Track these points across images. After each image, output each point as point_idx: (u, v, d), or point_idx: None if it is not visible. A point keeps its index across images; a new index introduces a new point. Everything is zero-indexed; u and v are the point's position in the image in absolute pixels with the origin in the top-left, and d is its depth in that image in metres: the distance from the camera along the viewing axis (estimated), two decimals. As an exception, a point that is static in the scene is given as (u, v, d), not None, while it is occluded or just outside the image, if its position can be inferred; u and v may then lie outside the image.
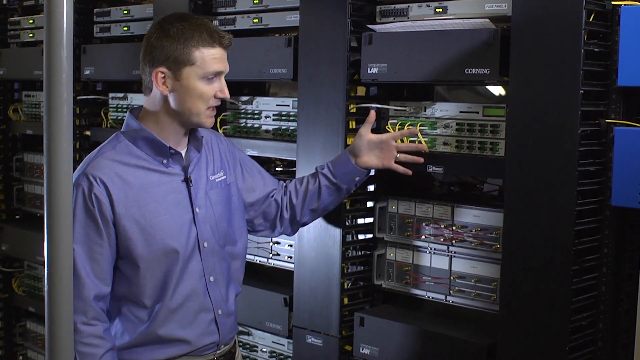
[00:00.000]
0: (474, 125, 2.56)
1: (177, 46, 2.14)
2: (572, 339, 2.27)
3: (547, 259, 2.26)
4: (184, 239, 2.22)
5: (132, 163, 2.19)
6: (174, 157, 2.24)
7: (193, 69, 2.15)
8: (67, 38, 1.35)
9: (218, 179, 2.35)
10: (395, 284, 2.79)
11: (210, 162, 2.35)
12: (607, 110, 2.27)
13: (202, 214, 2.26)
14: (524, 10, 2.28)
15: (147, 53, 2.18)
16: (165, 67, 2.15)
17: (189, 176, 2.25)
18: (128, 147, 2.21)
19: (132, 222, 2.16)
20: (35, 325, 4.43)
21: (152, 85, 2.18)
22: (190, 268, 2.23)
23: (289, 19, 3.01)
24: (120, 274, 2.21)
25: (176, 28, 2.15)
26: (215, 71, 2.18)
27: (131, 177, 2.18)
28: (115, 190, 2.14)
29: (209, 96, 2.18)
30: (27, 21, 4.27)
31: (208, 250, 2.26)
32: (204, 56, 2.15)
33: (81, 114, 3.95)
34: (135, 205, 2.16)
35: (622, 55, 2.17)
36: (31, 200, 4.39)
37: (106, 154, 2.19)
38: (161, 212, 2.19)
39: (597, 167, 2.28)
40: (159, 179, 2.21)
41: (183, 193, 2.25)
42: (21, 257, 4.41)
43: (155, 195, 2.20)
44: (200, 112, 2.19)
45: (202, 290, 2.26)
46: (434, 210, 2.67)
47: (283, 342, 3.12)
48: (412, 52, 2.57)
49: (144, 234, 2.17)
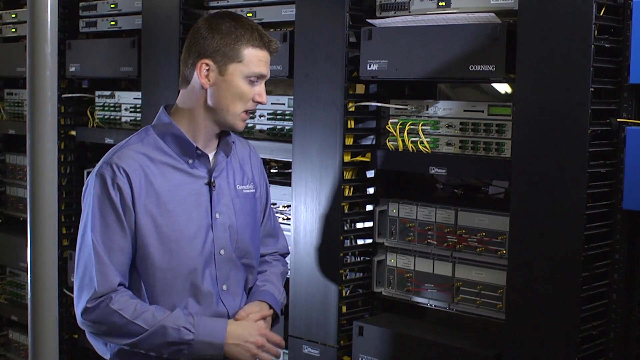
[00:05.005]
0: (479, 124, 2.56)
1: (228, 41, 2.20)
2: (581, 349, 2.27)
3: (556, 265, 2.26)
4: (200, 244, 2.23)
5: (158, 159, 2.23)
6: (200, 159, 2.26)
7: (239, 66, 2.20)
8: (51, 33, 1.35)
9: (247, 190, 2.37)
10: (396, 291, 2.79)
11: (240, 171, 2.37)
12: (618, 109, 2.27)
13: (222, 220, 2.27)
14: (531, 4, 2.28)
15: (193, 44, 2.23)
16: (211, 60, 2.20)
17: (212, 180, 2.26)
18: (156, 142, 2.25)
19: (148, 217, 2.19)
20: (17, 335, 4.42)
21: (191, 78, 2.23)
22: (203, 274, 2.24)
23: (285, 13, 3.01)
24: (136, 274, 2.22)
25: (228, 24, 2.22)
26: (260, 73, 2.24)
27: (154, 172, 2.22)
28: (137, 183, 2.19)
29: (248, 97, 2.23)
30: (9, 15, 4.27)
31: (224, 258, 2.28)
32: (251, 55, 2.21)
33: (66, 113, 3.95)
34: (154, 202, 2.20)
35: (634, 51, 2.17)
36: (14, 203, 4.38)
37: (133, 145, 2.24)
38: (179, 212, 2.22)
39: (608, 168, 2.28)
40: (182, 179, 2.24)
41: (205, 196, 2.27)
42: (3, 263, 4.40)
43: (176, 195, 2.23)
44: (236, 113, 2.23)
45: (215, 299, 2.27)
46: (436, 214, 2.67)
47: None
48: (414, 48, 2.57)
49: (158, 232, 2.19)
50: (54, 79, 1.37)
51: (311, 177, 2.84)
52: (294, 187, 2.90)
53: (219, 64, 2.19)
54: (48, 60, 1.35)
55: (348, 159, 2.80)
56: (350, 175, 2.83)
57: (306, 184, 2.86)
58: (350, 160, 2.81)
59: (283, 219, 3.08)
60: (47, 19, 1.35)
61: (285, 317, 3.00)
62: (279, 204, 3.11)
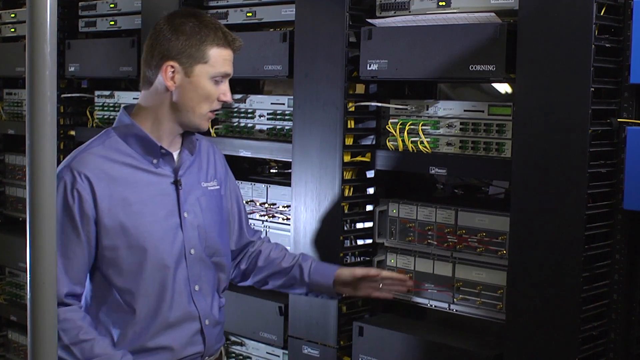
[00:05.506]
0: (479, 124, 2.56)
1: (193, 42, 2.18)
2: (582, 349, 2.27)
3: (556, 265, 2.26)
4: (169, 245, 2.22)
5: (120, 160, 2.21)
6: (164, 158, 2.24)
7: (205, 67, 2.19)
8: (51, 33, 1.35)
9: (211, 187, 2.35)
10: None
11: (204, 168, 2.36)
12: (618, 109, 2.27)
13: (191, 219, 2.26)
14: (532, 4, 2.28)
15: (156, 45, 2.21)
16: (176, 62, 2.18)
17: (179, 179, 2.25)
18: (117, 144, 2.23)
19: (114, 221, 2.17)
20: (17, 335, 4.42)
21: (155, 79, 2.21)
22: (174, 275, 2.23)
23: (285, 12, 3.01)
24: (103, 278, 2.21)
25: (192, 24, 2.20)
26: (225, 72, 2.24)
27: (118, 174, 2.19)
28: (100, 187, 2.15)
29: (214, 97, 2.22)
30: (8, 15, 4.27)
31: (194, 258, 2.27)
32: (217, 56, 2.21)
33: (66, 113, 3.95)
34: (120, 204, 2.17)
35: (635, 51, 2.17)
36: (13, 203, 4.38)
37: (94, 149, 2.21)
38: (146, 213, 2.20)
39: (608, 168, 2.28)
40: (148, 179, 2.22)
41: (171, 196, 2.25)
42: (2, 264, 4.40)
43: (142, 196, 2.20)
44: (202, 113, 2.23)
45: (187, 299, 2.26)
46: (436, 214, 2.67)
47: (278, 352, 3.12)
48: (414, 48, 2.57)
49: (125, 235, 2.17)
50: (54, 79, 1.36)
51: (311, 177, 2.84)
52: (294, 187, 2.90)
53: (184, 66, 2.18)
54: (47, 60, 1.35)
55: (348, 159, 2.80)
56: (350, 175, 2.83)
57: (306, 184, 2.86)
58: (350, 160, 2.81)
59: (283, 219, 3.08)
60: (47, 18, 1.34)
61: (285, 317, 3.00)
62: (278, 204, 3.12)
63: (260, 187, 3.18)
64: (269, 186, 3.16)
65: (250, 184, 3.21)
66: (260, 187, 3.18)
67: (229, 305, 3.15)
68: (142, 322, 2.21)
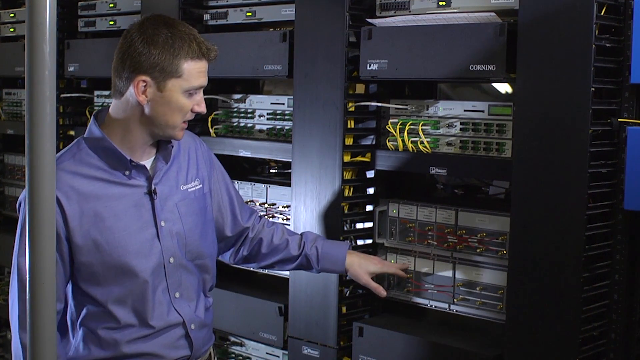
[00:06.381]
0: (479, 124, 2.56)
1: (166, 56, 2.11)
2: (582, 350, 2.27)
3: (556, 265, 2.26)
4: (144, 257, 2.20)
5: (91, 175, 2.16)
6: (136, 169, 2.21)
7: (178, 81, 2.12)
8: (50, 33, 1.35)
9: (192, 188, 2.31)
10: (396, 292, 2.79)
11: (184, 169, 2.31)
12: (619, 109, 2.27)
13: (168, 227, 2.23)
14: (532, 4, 2.28)
15: (127, 57, 2.14)
16: (148, 76, 2.11)
17: (153, 188, 2.22)
18: (88, 157, 2.18)
19: (87, 238, 2.14)
20: (16, 336, 4.41)
21: (126, 91, 2.16)
22: (153, 286, 2.22)
23: (284, 12, 3.01)
24: (83, 292, 2.20)
25: (164, 35, 2.12)
26: (200, 85, 2.17)
27: (89, 190, 2.15)
28: (70, 206, 2.12)
29: (187, 109, 2.16)
30: (7, 15, 4.27)
31: (174, 266, 2.24)
32: (191, 69, 2.13)
33: (65, 113, 3.95)
34: (92, 221, 2.14)
35: (635, 50, 2.17)
36: (12, 203, 4.38)
37: (64, 164, 2.16)
38: (120, 227, 2.16)
39: (608, 168, 2.29)
40: (120, 192, 2.18)
41: (146, 206, 2.21)
42: (1, 264, 4.39)
43: (114, 210, 2.16)
44: (176, 126, 2.17)
45: (167, 308, 2.24)
46: (436, 214, 2.67)
47: (278, 353, 3.12)
48: (414, 48, 2.57)
49: (99, 251, 2.15)
50: (53, 79, 1.36)
51: (311, 177, 2.84)
52: (294, 187, 2.91)
53: (157, 80, 2.11)
54: (47, 59, 1.35)
55: (348, 159, 2.80)
56: (350, 175, 2.83)
57: (306, 184, 2.86)
58: (350, 161, 2.81)
59: (283, 219, 3.08)
60: (46, 18, 1.34)
61: (285, 317, 3.00)
62: (278, 204, 3.12)
63: (260, 187, 3.18)
64: (268, 186, 3.16)
65: (250, 184, 3.21)
66: (260, 187, 3.18)
67: (228, 306, 3.17)
68: (125, 330, 2.21)
